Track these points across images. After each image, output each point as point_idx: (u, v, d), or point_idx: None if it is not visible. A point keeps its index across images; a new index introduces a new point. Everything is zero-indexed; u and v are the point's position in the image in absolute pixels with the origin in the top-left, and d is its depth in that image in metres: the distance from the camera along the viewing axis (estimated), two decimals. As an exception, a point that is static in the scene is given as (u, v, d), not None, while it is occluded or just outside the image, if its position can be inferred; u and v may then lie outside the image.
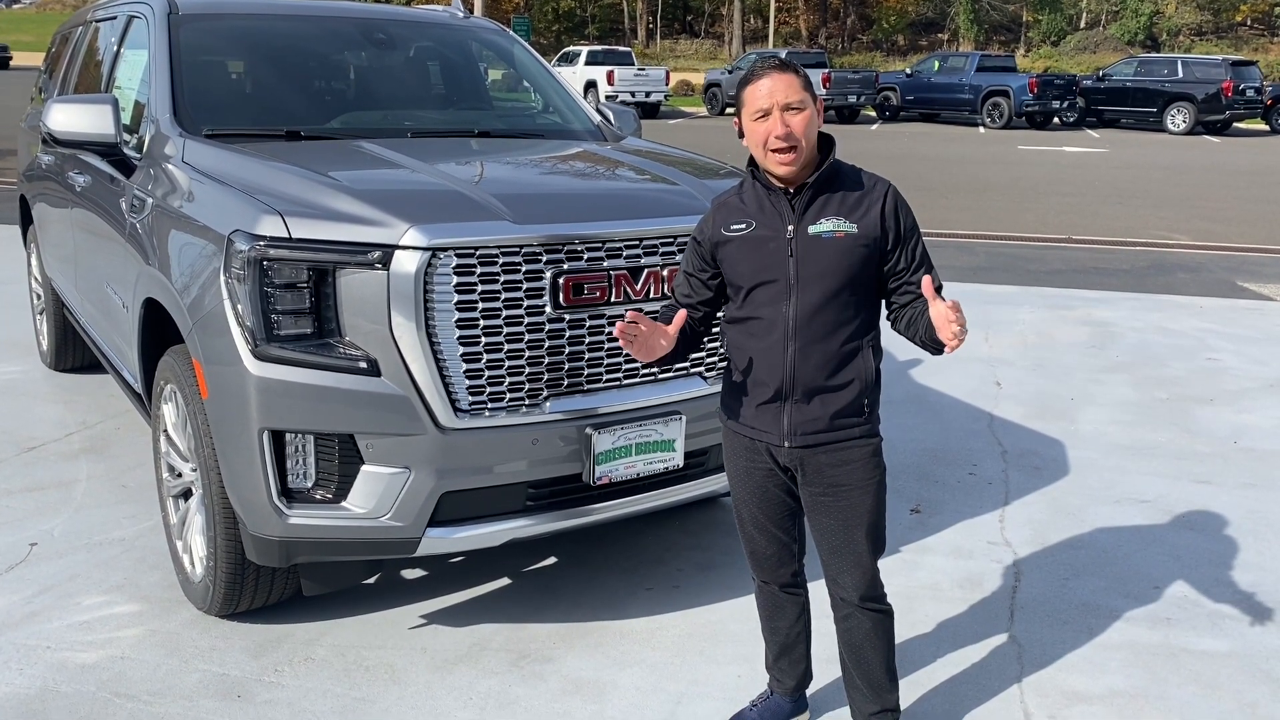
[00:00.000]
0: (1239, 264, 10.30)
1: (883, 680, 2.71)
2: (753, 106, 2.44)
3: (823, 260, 2.47)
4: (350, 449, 2.90)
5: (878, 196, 2.52)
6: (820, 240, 2.47)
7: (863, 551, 2.59)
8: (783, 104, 2.41)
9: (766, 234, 2.51)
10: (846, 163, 2.57)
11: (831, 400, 2.51)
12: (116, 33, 4.64)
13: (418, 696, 3.01)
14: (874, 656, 2.69)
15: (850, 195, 2.51)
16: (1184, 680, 3.17)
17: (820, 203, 2.50)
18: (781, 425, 2.54)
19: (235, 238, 2.86)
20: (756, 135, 2.45)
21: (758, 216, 2.53)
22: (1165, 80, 27.72)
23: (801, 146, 2.43)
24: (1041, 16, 55.24)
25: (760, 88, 2.44)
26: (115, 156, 3.90)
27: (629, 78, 30.56)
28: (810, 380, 2.50)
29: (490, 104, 4.87)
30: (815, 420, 2.52)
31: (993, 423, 5.45)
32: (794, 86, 2.43)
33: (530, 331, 2.96)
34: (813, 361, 2.49)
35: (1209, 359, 6.73)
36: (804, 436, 2.53)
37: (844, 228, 2.47)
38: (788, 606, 2.80)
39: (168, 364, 3.35)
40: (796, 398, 2.52)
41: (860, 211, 2.50)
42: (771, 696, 2.91)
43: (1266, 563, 3.94)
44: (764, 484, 2.64)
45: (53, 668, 3.09)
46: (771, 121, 2.42)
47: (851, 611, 2.66)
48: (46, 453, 4.74)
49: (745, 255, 2.53)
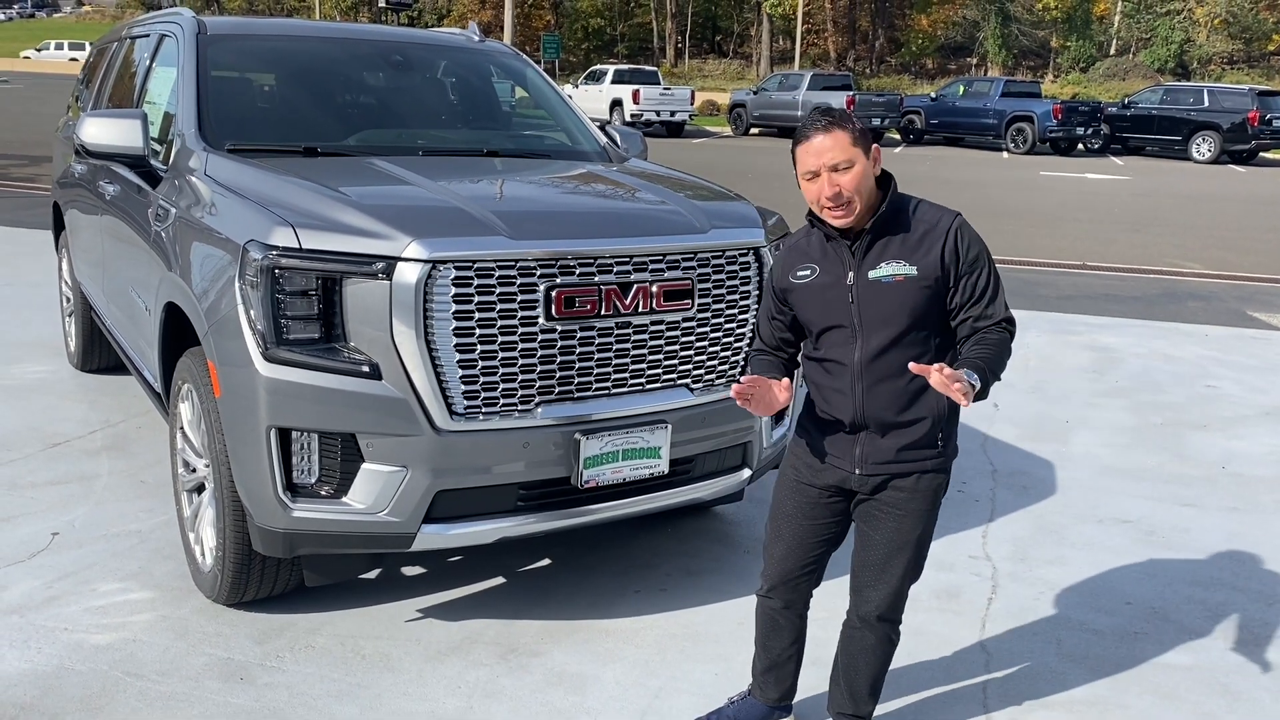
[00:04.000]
0: (1251, 294, 10.35)
1: (865, 693, 2.85)
2: (803, 168, 2.49)
3: (884, 305, 2.51)
4: (352, 447, 3.08)
5: (940, 234, 2.53)
6: (880, 285, 2.51)
7: (898, 574, 2.68)
8: (830, 165, 2.44)
9: (829, 280, 2.57)
10: (913, 197, 2.61)
11: (903, 435, 2.58)
12: (149, 49, 4.88)
13: (410, 684, 3.18)
14: (866, 671, 2.81)
15: (911, 236, 2.53)
16: (1144, 690, 3.29)
17: (880, 246, 2.53)
18: (853, 455, 2.62)
19: (250, 247, 3.05)
20: (810, 194, 2.51)
21: (821, 263, 2.59)
22: (1191, 109, 27.68)
23: (855, 202, 2.47)
24: (1070, 43, 55.16)
25: (809, 149, 2.47)
26: (143, 168, 4.12)
27: (654, 97, 30.84)
28: (880, 417, 2.57)
29: (501, 124, 5.07)
30: (884, 452, 2.59)
31: (986, 443, 5.57)
32: (841, 145, 2.45)
33: (523, 341, 3.14)
34: (881, 401, 2.55)
35: (1208, 386, 6.82)
36: (874, 465, 2.61)
37: (903, 271, 2.51)
38: (785, 629, 2.87)
39: (185, 365, 3.55)
40: (870, 431, 2.59)
41: (921, 252, 2.52)
42: (748, 698, 3.01)
43: (1240, 583, 4.05)
44: (816, 503, 2.71)
45: (69, 647, 3.28)
46: (821, 183, 2.46)
47: (864, 627, 2.76)
48: (70, 449, 4.96)
49: (812, 301, 2.61)
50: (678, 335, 3.41)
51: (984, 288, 2.54)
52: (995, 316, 2.54)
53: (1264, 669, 3.44)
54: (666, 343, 3.39)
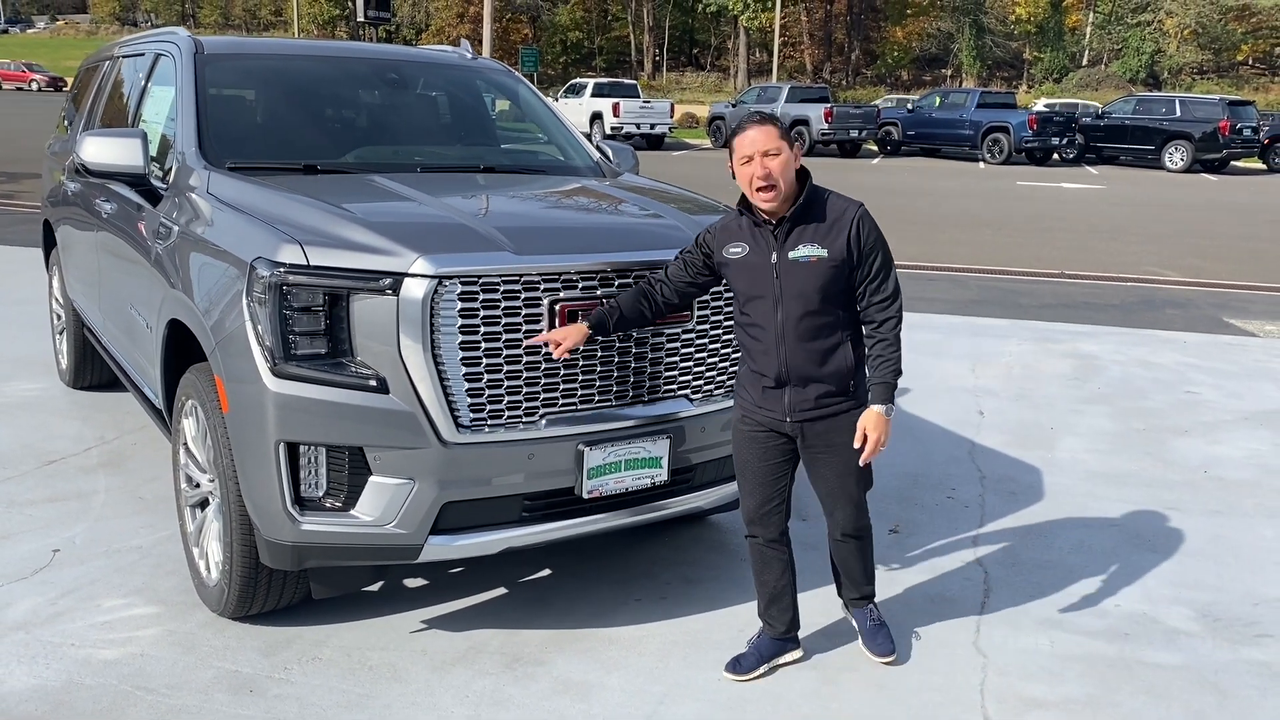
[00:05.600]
0: (1227, 300, 10.53)
1: (862, 580, 3.51)
2: (740, 154, 3.09)
3: (800, 280, 3.09)
4: (359, 460, 3.13)
5: (846, 222, 3.10)
6: (798, 264, 3.08)
7: (854, 491, 3.30)
8: (762, 151, 3.04)
9: (756, 260, 3.13)
10: (823, 189, 3.17)
11: (820, 386, 3.16)
12: (144, 69, 4.92)
13: (418, 694, 3.22)
14: (856, 566, 3.48)
15: (823, 225, 3.11)
16: (1136, 690, 3.37)
17: (798, 232, 3.11)
18: (783, 404, 3.18)
19: (257, 264, 3.10)
20: (744, 176, 3.09)
21: (750, 244, 3.15)
22: (1163, 119, 28.09)
23: (780, 185, 3.06)
24: (1044, 54, 55.85)
25: (745, 139, 3.07)
26: (143, 186, 4.15)
27: (634, 110, 30.99)
28: (801, 371, 3.14)
29: (496, 141, 5.14)
30: (806, 400, 3.17)
31: (973, 450, 5.67)
32: (772, 136, 3.06)
33: (528, 354, 3.20)
34: (800, 358, 3.13)
35: (1188, 392, 6.95)
36: (800, 413, 3.18)
37: (817, 253, 3.09)
38: (774, 562, 3.37)
39: (189, 381, 3.59)
40: (794, 384, 3.16)
41: (831, 237, 3.09)
42: (762, 637, 3.44)
43: (1225, 584, 4.15)
44: (765, 446, 3.26)
45: (77, 663, 3.31)
46: (754, 165, 3.04)
47: (844, 540, 3.40)
48: (66, 466, 4.97)
49: (741, 275, 3.17)
50: (677, 347, 3.48)
51: (879, 268, 3.13)
52: (887, 291, 3.14)
53: (1251, 667, 3.54)
54: (666, 354, 3.46)
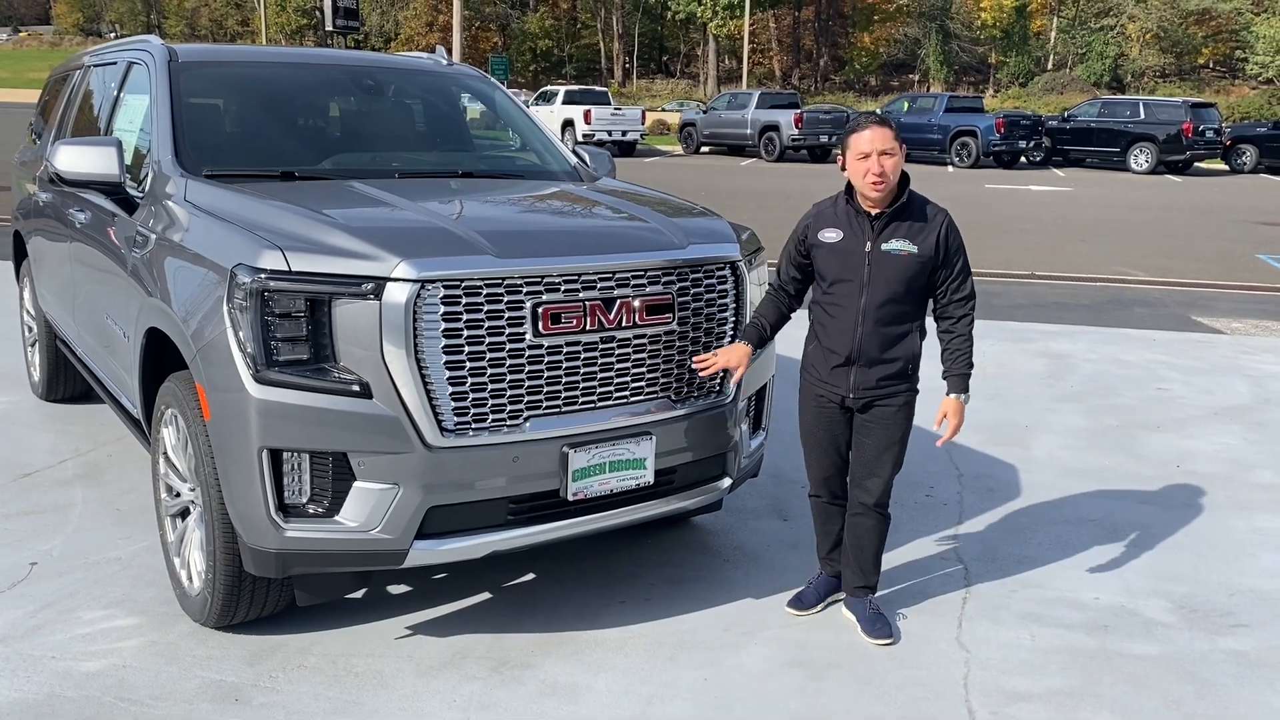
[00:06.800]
0: (1194, 299, 10.68)
1: (870, 566, 3.70)
2: (857, 150, 3.36)
3: (889, 270, 3.41)
4: (343, 466, 3.12)
5: (935, 225, 3.44)
6: (889, 256, 3.41)
7: (887, 467, 3.57)
8: (880, 150, 3.32)
9: (850, 246, 3.44)
10: (919, 194, 3.49)
11: (884, 369, 3.47)
12: (116, 78, 4.88)
13: (404, 699, 3.21)
14: (869, 546, 3.66)
15: (916, 224, 3.43)
16: (1117, 680, 3.42)
17: (892, 227, 3.42)
18: (848, 381, 3.50)
19: (238, 270, 3.09)
20: (858, 171, 3.36)
21: (847, 230, 3.45)
22: (1128, 121, 28.47)
23: (891, 181, 3.36)
24: (1009, 58, 56.43)
25: (863, 137, 3.35)
26: (118, 195, 4.12)
27: (606, 117, 31.05)
28: (870, 353, 3.45)
29: (473, 146, 5.13)
30: (869, 380, 3.48)
31: (950, 448, 5.71)
32: (889, 137, 3.34)
33: (511, 357, 3.20)
34: (873, 341, 3.44)
35: (1159, 389, 7.04)
36: (863, 391, 3.50)
37: (908, 249, 3.41)
38: (836, 515, 3.75)
39: (169, 389, 3.56)
40: (861, 363, 3.47)
41: (923, 236, 3.42)
42: (821, 577, 3.87)
43: (1200, 576, 4.21)
44: (829, 418, 3.59)
45: (58, 676, 3.27)
46: (870, 162, 3.33)
47: (864, 511, 3.62)
48: (41, 479, 4.92)
49: (832, 258, 3.47)
50: (660, 348, 3.49)
51: (960, 269, 3.49)
52: (965, 291, 3.49)
53: (1228, 656, 3.59)
54: (649, 356, 3.47)
